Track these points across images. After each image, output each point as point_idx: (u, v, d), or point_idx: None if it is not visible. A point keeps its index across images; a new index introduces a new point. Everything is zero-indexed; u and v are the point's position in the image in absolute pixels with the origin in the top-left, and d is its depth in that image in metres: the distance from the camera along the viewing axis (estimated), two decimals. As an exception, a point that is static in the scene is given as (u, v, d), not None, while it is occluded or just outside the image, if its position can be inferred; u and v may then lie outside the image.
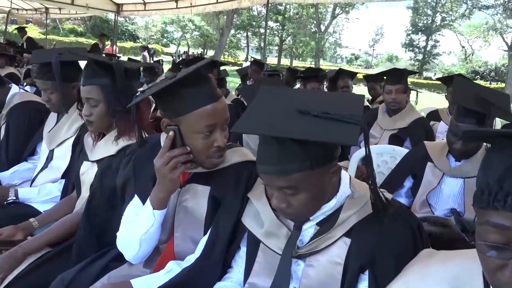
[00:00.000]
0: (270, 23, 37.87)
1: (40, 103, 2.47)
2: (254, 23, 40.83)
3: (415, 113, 3.32)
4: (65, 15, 16.30)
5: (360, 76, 7.09)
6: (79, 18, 36.37)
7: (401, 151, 2.74)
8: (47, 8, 13.75)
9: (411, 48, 46.64)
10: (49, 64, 2.09)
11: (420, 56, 45.95)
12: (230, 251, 1.43)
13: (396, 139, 3.22)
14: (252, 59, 6.82)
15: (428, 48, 45.55)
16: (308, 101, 1.13)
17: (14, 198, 2.18)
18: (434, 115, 4.18)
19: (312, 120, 1.07)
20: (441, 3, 42.09)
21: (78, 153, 2.11)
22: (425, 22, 44.44)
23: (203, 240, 1.44)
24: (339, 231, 1.19)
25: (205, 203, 1.46)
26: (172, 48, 46.24)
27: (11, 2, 13.18)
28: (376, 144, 3.18)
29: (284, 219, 1.29)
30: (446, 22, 42.78)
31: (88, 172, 1.93)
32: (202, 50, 43.67)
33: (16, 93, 2.65)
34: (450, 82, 4.06)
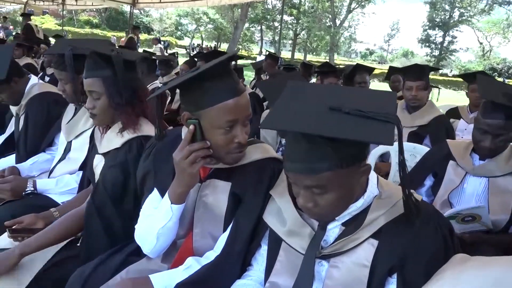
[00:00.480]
0: (285, 17, 37.61)
1: (59, 94, 2.47)
2: (268, 16, 40.64)
3: (435, 111, 3.24)
4: (81, 7, 16.43)
5: (375, 71, 6.98)
6: (94, 9, 36.73)
7: (422, 149, 2.68)
8: (63, -1, 13.88)
9: (427, 44, 45.97)
10: (64, 54, 2.08)
11: (436, 52, 45.30)
12: (250, 249, 1.40)
13: (415, 137, 3.15)
14: (267, 53, 6.75)
15: (445, 44, 44.85)
16: (338, 98, 1.09)
17: (32, 189, 2.19)
18: (454, 112, 4.07)
19: (344, 117, 1.02)
20: (459, -2, 41.37)
21: (93, 146, 2.10)
22: (442, 17, 43.75)
23: (223, 237, 1.42)
24: (366, 232, 1.15)
25: (226, 199, 1.43)
26: (186, 41, 46.33)
27: (29, -8, 13.36)
28: (394, 141, 3.12)
29: (308, 218, 1.26)
30: (464, 17, 42.05)
31: (100, 165, 1.91)
32: (216, 43, 43.65)
33: (35, 83, 2.65)
34: (471, 80, 3.95)
